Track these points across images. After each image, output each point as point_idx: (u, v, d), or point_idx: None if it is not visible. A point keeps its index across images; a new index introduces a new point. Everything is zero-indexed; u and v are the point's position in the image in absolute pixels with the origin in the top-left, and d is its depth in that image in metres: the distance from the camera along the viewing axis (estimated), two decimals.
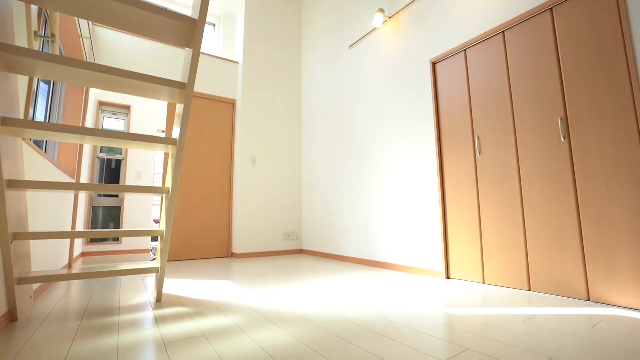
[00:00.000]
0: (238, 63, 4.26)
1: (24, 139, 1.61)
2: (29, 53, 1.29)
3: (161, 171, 6.12)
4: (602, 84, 1.75)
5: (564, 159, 1.88)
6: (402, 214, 2.82)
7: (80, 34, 2.51)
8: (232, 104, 4.20)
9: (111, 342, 1.25)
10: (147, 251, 4.56)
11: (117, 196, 4.45)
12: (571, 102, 1.87)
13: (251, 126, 4.08)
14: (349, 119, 3.57)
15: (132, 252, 4.45)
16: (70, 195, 2.84)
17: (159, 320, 1.51)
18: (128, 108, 4.63)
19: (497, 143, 2.22)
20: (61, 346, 1.21)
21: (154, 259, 3.98)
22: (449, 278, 2.43)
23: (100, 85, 1.55)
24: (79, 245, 3.81)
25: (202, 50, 4.63)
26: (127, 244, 4.44)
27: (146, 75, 1.53)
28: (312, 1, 4.50)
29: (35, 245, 1.91)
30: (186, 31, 1.53)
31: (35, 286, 1.98)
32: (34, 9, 1.65)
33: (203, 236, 3.79)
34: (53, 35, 1.69)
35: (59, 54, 1.51)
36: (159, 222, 5.31)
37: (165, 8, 4.65)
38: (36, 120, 1.54)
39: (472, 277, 2.29)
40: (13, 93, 1.42)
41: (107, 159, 4.44)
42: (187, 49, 1.66)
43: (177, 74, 3.85)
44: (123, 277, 2.62)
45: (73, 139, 1.61)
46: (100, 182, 4.38)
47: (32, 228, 1.82)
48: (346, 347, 1.19)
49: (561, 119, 1.90)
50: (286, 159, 4.32)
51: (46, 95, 2.58)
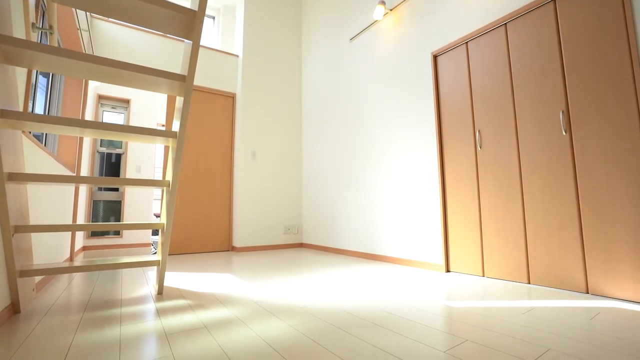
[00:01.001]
0: (238, 56, 4.23)
1: (23, 131, 1.60)
2: (27, 44, 1.28)
3: (161, 165, 6.12)
4: (604, 77, 1.74)
5: (565, 153, 1.88)
6: (402, 207, 2.83)
7: (78, 26, 2.49)
8: (232, 97, 4.18)
9: (113, 333, 1.26)
10: (148, 245, 4.58)
11: (117, 190, 4.45)
12: (573, 95, 1.86)
13: (251, 120, 4.07)
14: (350, 112, 3.55)
15: (133, 246, 4.47)
16: (71, 188, 2.84)
17: (160, 312, 1.52)
18: (127, 102, 4.61)
19: (498, 136, 2.21)
20: (64, 338, 1.23)
21: (155, 252, 4.00)
22: (448, 271, 2.44)
23: (99, 78, 1.54)
24: (80, 239, 3.82)
25: (201, 43, 4.59)
26: (128, 237, 4.46)
27: (145, 67, 1.52)
28: None
29: (36, 238, 1.92)
30: (185, 23, 1.52)
31: (38, 279, 1.99)
32: (31, 0, 1.64)
33: (203, 230, 3.80)
34: (51, 27, 1.68)
35: (57, 46, 1.49)
36: (159, 216, 5.32)
37: None
38: (35, 113, 1.53)
39: (472, 270, 2.30)
40: (11, 85, 1.42)
41: (107, 152, 4.43)
42: (186, 40, 1.65)
43: (177, 66, 3.82)
44: (124, 271, 2.63)
45: (72, 132, 1.61)
46: (101, 175, 4.38)
47: (33, 221, 1.82)
48: (345, 337, 1.20)
49: (562, 112, 1.89)
50: (286, 152, 4.31)
51: (45, 89, 2.57)
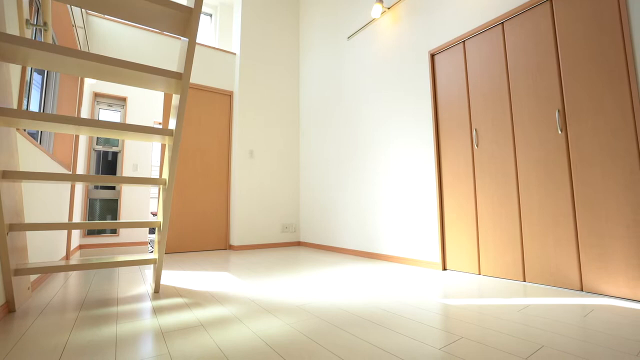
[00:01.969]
0: (235, 54, 4.21)
1: (17, 129, 1.59)
2: (21, 41, 1.27)
3: (158, 163, 6.09)
4: (600, 76, 1.75)
5: (561, 151, 1.89)
6: (400, 205, 2.83)
7: (73, 23, 2.47)
8: (229, 95, 4.16)
9: (109, 332, 1.26)
10: (144, 243, 4.56)
11: (114, 188, 4.43)
12: (568, 94, 1.87)
13: (248, 118, 4.05)
14: (347, 111, 3.55)
15: (130, 245, 4.45)
16: (67, 187, 2.82)
17: (156, 311, 1.52)
18: (124, 100, 4.58)
19: (495, 135, 2.22)
20: (59, 336, 1.22)
21: (152, 251, 3.99)
22: (445, 269, 2.46)
23: (94, 75, 1.53)
24: (76, 238, 3.80)
25: (198, 41, 4.57)
26: (125, 236, 4.44)
27: (141, 64, 1.51)
28: None
29: (32, 237, 1.91)
30: (182, 20, 1.51)
31: (33, 278, 1.98)
32: None
33: (201, 228, 3.80)
34: (45, 24, 1.66)
35: (51, 43, 1.48)
36: (156, 214, 5.31)
37: None
38: (30, 110, 1.51)
39: (468, 268, 2.31)
40: (5, 82, 1.40)
41: (103, 151, 4.40)
42: (182, 38, 1.64)
43: (174, 64, 3.80)
44: (121, 269, 2.62)
45: (68, 130, 1.60)
46: (97, 174, 4.36)
47: (29, 220, 1.81)
48: (342, 335, 1.20)
49: (558, 111, 1.90)
50: (284, 150, 4.31)
51: (40, 86, 2.55)
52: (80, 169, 3.71)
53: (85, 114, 3.74)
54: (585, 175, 1.78)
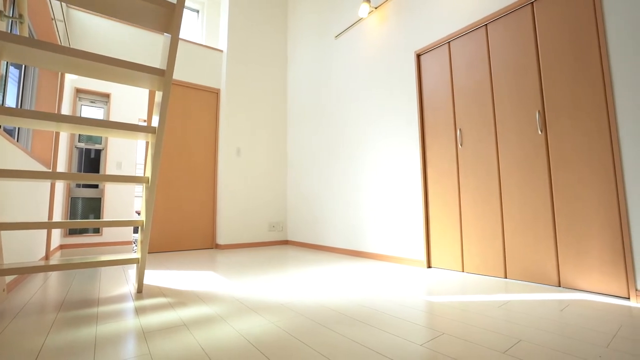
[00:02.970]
0: (222, 51, 4.17)
1: None
2: None
3: (143, 161, 5.97)
4: (578, 78, 1.80)
5: (540, 151, 1.94)
6: (386, 204, 2.86)
7: (52, 16, 2.39)
8: (216, 93, 4.11)
9: (89, 333, 1.23)
10: (129, 243, 4.48)
11: (97, 187, 4.33)
12: (548, 95, 1.92)
13: (236, 116, 4.02)
14: (335, 110, 3.56)
15: (114, 244, 4.36)
16: (46, 185, 2.74)
17: (139, 311, 1.49)
18: (107, 96, 4.48)
19: (478, 135, 2.26)
20: (35, 339, 1.19)
21: (136, 250, 3.91)
22: (430, 267, 2.49)
23: (73, 70, 1.49)
24: (57, 238, 3.70)
25: (185, 38, 4.50)
26: (108, 235, 4.35)
27: (123, 60, 1.48)
28: None
29: (8, 237, 1.85)
30: (164, 16, 1.48)
31: (9, 279, 1.92)
32: None
33: (186, 227, 3.75)
34: (21, 16, 1.60)
35: (28, 36, 1.43)
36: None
37: None
38: (6, 106, 1.46)
39: (452, 265, 2.35)
40: None
41: (85, 148, 4.29)
42: (165, 34, 1.61)
43: (159, 61, 3.73)
44: (103, 269, 2.56)
45: (48, 126, 1.55)
46: (79, 172, 4.24)
47: (4, 219, 1.75)
48: (326, 333, 1.21)
49: (539, 112, 1.95)
50: (271, 149, 4.29)
51: (17, 81, 2.46)
52: (61, 167, 3.61)
53: (66, 110, 3.64)
54: (563, 174, 1.84)
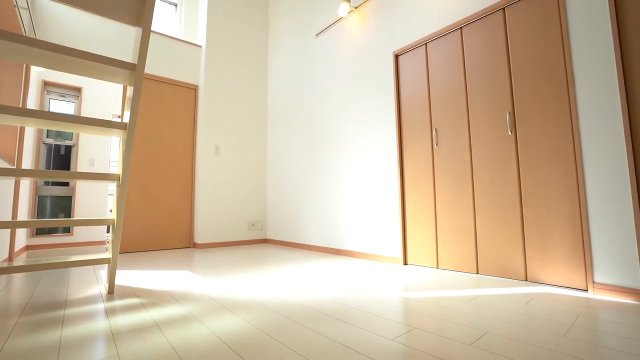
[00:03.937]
0: (201, 47, 4.08)
1: None
2: None
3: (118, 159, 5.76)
4: (544, 81, 1.89)
5: (510, 151, 2.02)
6: (364, 202, 2.90)
7: (15, 3, 2.27)
8: (194, 89, 4.02)
9: (53, 336, 1.19)
10: (102, 243, 4.32)
11: (67, 185, 4.15)
12: (518, 97, 2.00)
13: (214, 113, 3.95)
14: (315, 108, 3.56)
15: (86, 244, 4.20)
16: (10, 183, 2.60)
17: (108, 312, 1.45)
18: (79, 90, 4.29)
19: (453, 134, 2.33)
20: None
21: None
22: (406, 264, 2.55)
23: (36, 62, 1.42)
24: (22, 238, 3.52)
25: (163, 32, 4.38)
26: (80, 235, 4.17)
27: (92, 53, 1.43)
28: None
29: None
30: (135, 8, 1.44)
31: None
32: None
33: (163, 226, 3.66)
34: None
35: None
36: None
37: None
38: None
39: (427, 262, 2.41)
40: None
41: (55, 144, 4.10)
42: (137, 27, 1.56)
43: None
44: (73, 271, 2.47)
45: (11, 121, 1.47)
46: (47, 169, 4.05)
47: None
48: (300, 331, 1.22)
49: (509, 113, 2.03)
50: (251, 147, 4.24)
51: None
52: (27, 164, 3.44)
53: (32, 104, 3.47)
54: (531, 173, 1.92)
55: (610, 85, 1.64)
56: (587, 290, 1.68)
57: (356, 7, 3.12)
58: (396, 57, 2.74)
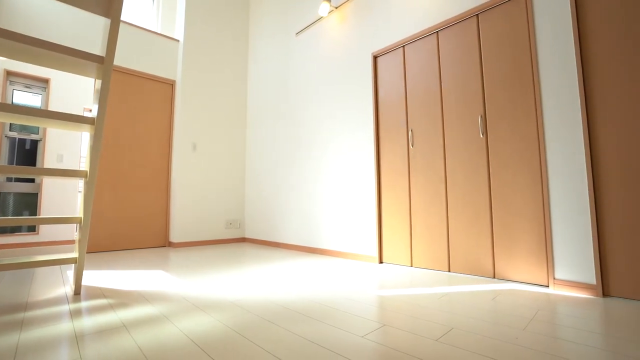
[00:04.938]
0: (178, 41, 3.98)
1: None
2: None
3: None
4: (513, 86, 1.97)
5: (482, 153, 2.09)
6: (341, 202, 2.92)
7: None
8: (171, 84, 3.92)
9: (9, 341, 1.13)
10: (71, 242, 4.13)
11: (33, 181, 3.94)
12: (489, 101, 2.08)
13: (192, 110, 3.86)
14: (294, 107, 3.55)
15: (54, 244, 4.00)
16: None
17: (73, 314, 1.39)
18: (46, 81, 4.08)
19: (428, 136, 2.39)
20: None
21: None
22: (381, 262, 2.59)
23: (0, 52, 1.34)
24: None
25: (139, 25, 4.23)
26: (47, 234, 3.97)
27: (55, 44, 1.36)
28: None
29: None
30: None
31: None
32: None
33: (137, 225, 3.54)
34: None
35: None
36: None
37: None
38: None
39: (402, 260, 2.47)
40: None
41: (19, 138, 3.88)
42: (105, 18, 1.50)
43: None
44: (38, 272, 2.35)
45: None
46: (10, 164, 3.83)
47: None
48: (272, 329, 1.22)
49: (481, 116, 2.10)
50: (229, 145, 4.18)
51: None
52: None
53: None
54: (500, 175, 2.00)
55: (572, 92, 1.73)
56: (548, 286, 1.77)
57: (336, 7, 3.13)
58: (375, 58, 2.78)
